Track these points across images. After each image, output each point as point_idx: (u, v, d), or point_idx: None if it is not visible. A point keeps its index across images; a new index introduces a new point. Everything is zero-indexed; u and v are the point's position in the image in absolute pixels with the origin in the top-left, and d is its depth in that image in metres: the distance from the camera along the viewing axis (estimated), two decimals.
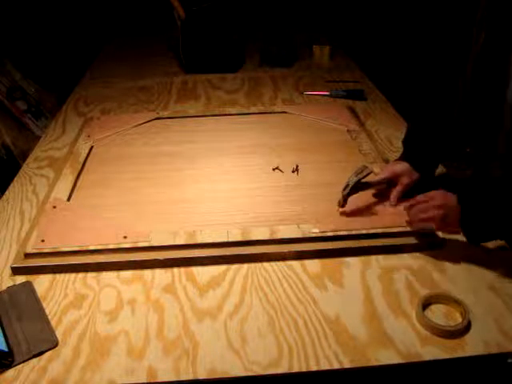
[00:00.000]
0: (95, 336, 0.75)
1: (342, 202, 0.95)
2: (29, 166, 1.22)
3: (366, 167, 0.95)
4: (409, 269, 0.86)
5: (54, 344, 0.73)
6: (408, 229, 0.91)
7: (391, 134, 1.31)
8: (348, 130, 1.30)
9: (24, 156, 1.43)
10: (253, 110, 1.46)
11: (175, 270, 0.88)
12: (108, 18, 2.26)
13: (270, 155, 1.19)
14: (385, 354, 0.71)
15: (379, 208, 0.98)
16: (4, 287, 0.84)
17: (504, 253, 0.89)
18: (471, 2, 0.82)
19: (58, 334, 0.75)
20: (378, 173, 1.03)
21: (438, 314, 0.77)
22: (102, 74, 1.82)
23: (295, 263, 0.88)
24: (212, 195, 1.05)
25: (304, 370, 0.69)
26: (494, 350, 0.71)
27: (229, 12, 1.77)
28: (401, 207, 0.94)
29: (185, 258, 0.88)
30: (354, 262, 0.88)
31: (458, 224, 0.84)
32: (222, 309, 0.80)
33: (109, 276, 0.87)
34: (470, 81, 0.88)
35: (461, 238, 0.93)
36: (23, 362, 0.71)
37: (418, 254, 0.89)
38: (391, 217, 0.95)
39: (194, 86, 1.68)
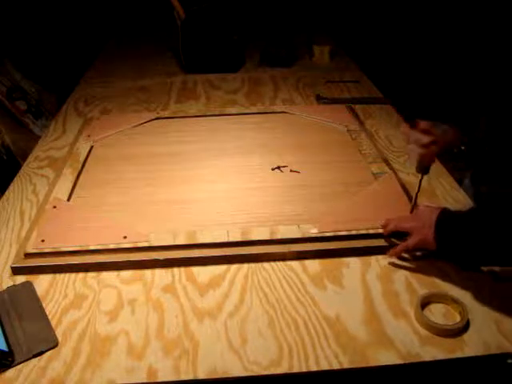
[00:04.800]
0: (95, 336, 0.75)
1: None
2: (29, 166, 1.22)
3: None
4: (408, 269, 0.86)
5: (54, 344, 0.73)
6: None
7: (391, 133, 1.31)
8: (348, 130, 1.30)
9: (24, 156, 1.43)
10: (253, 109, 1.46)
11: (175, 269, 0.88)
12: (108, 18, 2.26)
13: (269, 155, 1.19)
14: (384, 355, 0.71)
15: (380, 208, 0.98)
16: (4, 287, 0.84)
17: None
18: None
19: (58, 334, 0.75)
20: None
21: (437, 313, 0.77)
22: (102, 74, 1.82)
23: (295, 263, 0.88)
24: (212, 195, 1.05)
25: (304, 370, 0.69)
26: (493, 351, 0.71)
27: (229, 12, 1.78)
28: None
29: (185, 258, 0.88)
30: (353, 261, 0.88)
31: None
32: (222, 309, 0.80)
33: (109, 276, 0.87)
34: None
35: None
36: (23, 361, 0.71)
37: (417, 254, 0.89)
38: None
39: (194, 86, 1.68)
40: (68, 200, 1.03)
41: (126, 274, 0.87)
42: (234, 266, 0.88)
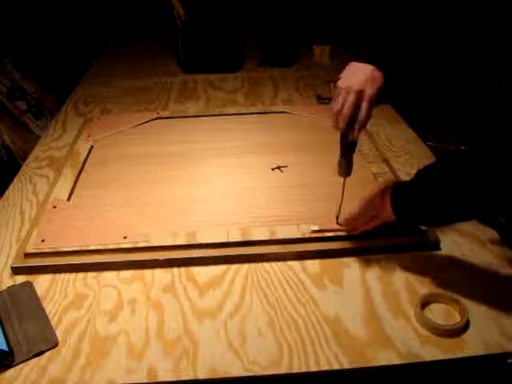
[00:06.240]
0: (95, 336, 0.75)
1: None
2: (29, 166, 1.22)
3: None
4: (408, 269, 0.86)
5: (54, 344, 0.74)
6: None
7: (391, 133, 1.32)
8: None
9: (24, 156, 1.43)
10: (253, 109, 1.46)
11: (175, 269, 0.88)
12: (108, 18, 2.26)
13: (269, 155, 1.19)
14: (384, 355, 0.71)
15: None
16: (4, 287, 0.84)
17: (503, 252, 0.89)
18: None
19: (58, 333, 0.75)
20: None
21: (437, 313, 0.77)
22: (102, 74, 1.82)
23: (295, 263, 0.88)
24: (212, 195, 1.05)
25: (304, 370, 0.69)
26: (493, 351, 0.71)
27: (229, 12, 1.77)
28: None
29: (185, 258, 0.88)
30: (353, 261, 0.88)
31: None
32: (222, 309, 0.80)
33: (109, 276, 0.87)
34: None
35: (460, 239, 0.93)
36: (23, 361, 0.71)
37: (418, 254, 0.89)
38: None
39: (194, 86, 1.68)
40: (68, 200, 1.03)
41: (126, 274, 0.87)
42: (234, 266, 0.88)
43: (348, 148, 0.86)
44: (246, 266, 0.88)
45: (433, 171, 0.76)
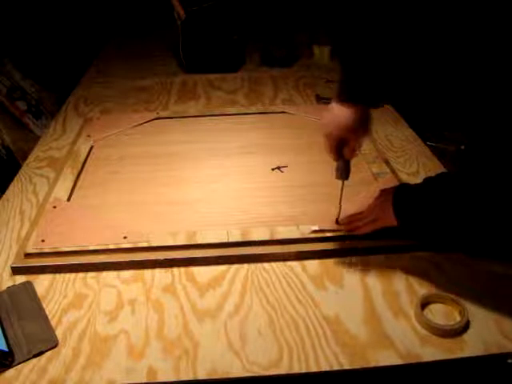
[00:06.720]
0: (95, 336, 0.75)
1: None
2: (29, 166, 1.22)
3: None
4: (409, 269, 0.86)
5: (54, 344, 0.73)
6: None
7: (391, 133, 1.32)
8: None
9: (24, 156, 1.43)
10: (253, 109, 1.46)
11: (175, 269, 0.88)
12: (108, 18, 2.26)
13: (269, 155, 1.19)
14: (384, 355, 0.71)
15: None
16: (4, 287, 0.84)
17: (503, 253, 0.89)
18: None
19: (58, 334, 0.75)
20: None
21: (437, 313, 0.77)
22: (102, 74, 1.82)
23: (295, 264, 0.88)
24: (212, 195, 1.05)
25: (304, 370, 0.69)
26: (493, 351, 0.71)
27: (229, 12, 1.78)
28: None
29: (185, 259, 0.88)
30: (353, 262, 0.88)
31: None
32: (222, 309, 0.80)
33: (109, 276, 0.87)
34: None
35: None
36: (23, 361, 0.71)
37: (417, 254, 0.89)
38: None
39: (194, 86, 1.68)
40: (68, 200, 1.03)
41: (126, 273, 0.87)
42: (234, 267, 0.88)
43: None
44: (245, 266, 0.88)
45: (441, 182, 0.76)
